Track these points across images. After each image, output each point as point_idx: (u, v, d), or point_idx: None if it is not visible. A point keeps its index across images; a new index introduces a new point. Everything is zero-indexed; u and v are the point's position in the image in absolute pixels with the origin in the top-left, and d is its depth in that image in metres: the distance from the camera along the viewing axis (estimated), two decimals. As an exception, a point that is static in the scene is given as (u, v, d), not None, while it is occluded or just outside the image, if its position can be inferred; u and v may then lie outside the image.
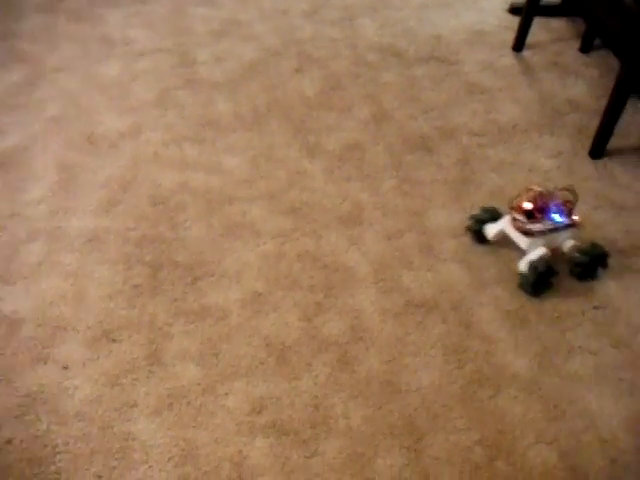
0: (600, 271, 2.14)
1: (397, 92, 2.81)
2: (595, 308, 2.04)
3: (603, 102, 2.52)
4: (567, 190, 2.12)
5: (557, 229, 2.10)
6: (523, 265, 2.07)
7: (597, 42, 3.16)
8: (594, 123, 2.62)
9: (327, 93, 2.78)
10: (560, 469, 1.66)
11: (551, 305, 2.03)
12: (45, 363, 1.79)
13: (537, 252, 2.07)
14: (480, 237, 2.21)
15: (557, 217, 2.09)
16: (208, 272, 2.06)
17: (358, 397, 1.78)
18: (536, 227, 2.07)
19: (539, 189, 2.09)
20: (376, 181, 2.39)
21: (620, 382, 1.86)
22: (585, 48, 3.13)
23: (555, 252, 2.12)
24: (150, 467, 1.60)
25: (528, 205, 2.07)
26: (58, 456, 1.60)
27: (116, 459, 1.61)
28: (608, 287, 2.10)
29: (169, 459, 1.62)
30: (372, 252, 2.15)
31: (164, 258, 2.08)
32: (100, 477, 1.57)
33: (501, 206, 2.20)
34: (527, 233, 2.08)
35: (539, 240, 2.09)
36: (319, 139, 2.55)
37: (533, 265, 2.04)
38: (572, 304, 2.05)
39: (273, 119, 2.63)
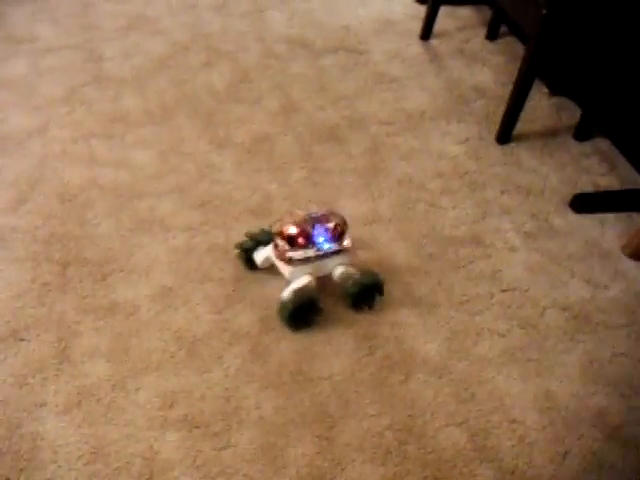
0: (377, 298, 2.01)
1: (306, 83, 2.82)
2: (503, 291, 2.09)
3: (509, 88, 2.57)
4: (334, 214, 1.96)
5: (324, 255, 1.94)
6: (285, 294, 1.93)
7: (503, 29, 3.22)
8: (500, 109, 2.68)
9: (236, 86, 2.77)
10: (470, 450, 1.70)
11: (460, 289, 2.07)
12: (-51, 366, 1.75)
13: (300, 281, 1.93)
14: (252, 263, 2.06)
15: (323, 243, 1.92)
16: (117, 268, 2.03)
17: (269, 387, 1.78)
18: (297, 254, 1.90)
19: (303, 213, 1.93)
20: (286, 172, 2.39)
21: (528, 362, 1.90)
22: (491, 35, 3.19)
23: (326, 280, 1.99)
24: (59, 466, 1.58)
25: (293, 230, 1.88)
26: (-37, 460, 1.57)
27: (25, 460, 1.58)
28: (516, 270, 2.14)
29: (79, 457, 1.60)
30: (283, 243, 2.16)
31: (73, 255, 2.05)
32: (8, 479, 1.54)
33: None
34: (289, 260, 1.92)
35: (304, 268, 1.93)
36: (228, 132, 2.54)
37: (292, 296, 1.91)
38: (481, 287, 2.09)
39: (182, 113, 2.61)
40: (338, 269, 1.97)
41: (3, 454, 1.58)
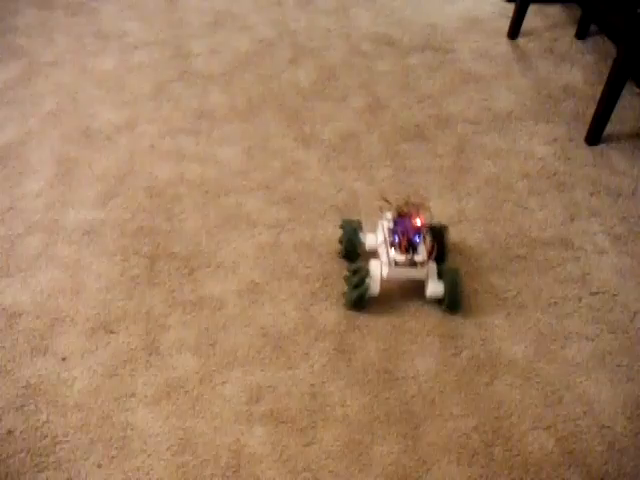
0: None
1: (392, 81, 2.82)
2: (592, 294, 2.06)
3: (599, 88, 2.53)
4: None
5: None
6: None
7: (593, 28, 3.17)
8: (590, 110, 2.64)
9: (322, 83, 2.79)
10: (557, 454, 1.68)
11: (548, 292, 2.05)
12: (44, 354, 1.81)
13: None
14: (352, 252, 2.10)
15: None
16: (204, 263, 2.07)
17: (355, 385, 1.79)
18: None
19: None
20: (371, 170, 2.40)
21: (618, 368, 1.88)
22: (581, 34, 3.14)
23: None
24: (149, 456, 1.62)
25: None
26: (58, 446, 1.62)
27: (115, 448, 1.63)
28: (605, 273, 2.11)
29: (168, 448, 1.64)
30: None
31: (161, 249, 2.10)
32: (100, 466, 1.59)
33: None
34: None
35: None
36: (314, 129, 2.56)
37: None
38: (569, 290, 2.06)
39: (268, 110, 2.65)
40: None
41: (95, 442, 1.64)
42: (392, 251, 1.95)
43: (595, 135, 2.57)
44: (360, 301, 1.96)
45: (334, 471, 1.62)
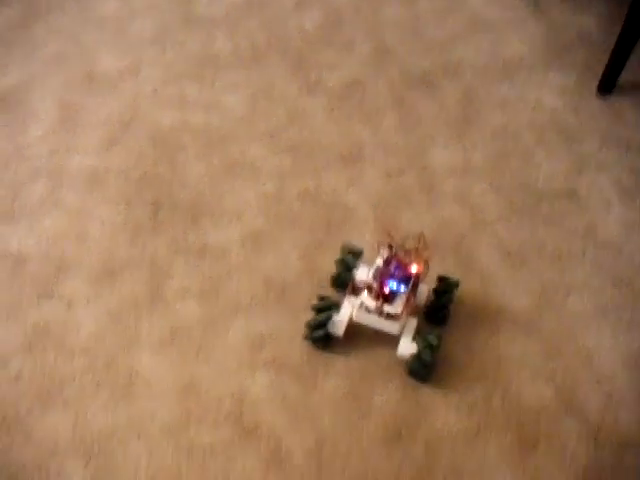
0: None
1: (399, 27, 2.86)
2: (597, 247, 2.13)
3: (614, 38, 2.56)
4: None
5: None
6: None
7: (608, -27, 3.19)
8: (604, 59, 2.66)
9: (327, 29, 2.83)
10: (555, 404, 1.77)
11: (552, 244, 2.13)
12: (50, 299, 1.90)
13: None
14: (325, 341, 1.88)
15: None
16: (208, 211, 2.15)
17: (356, 334, 1.89)
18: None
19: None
20: (377, 119, 2.46)
21: (620, 321, 1.95)
22: (596, -20, 3.15)
23: None
24: (153, 400, 1.72)
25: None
26: (65, 388, 1.72)
27: (121, 392, 1.73)
28: (611, 226, 2.18)
29: (171, 392, 1.74)
30: (372, 190, 2.24)
31: (164, 197, 2.18)
32: (106, 408, 1.69)
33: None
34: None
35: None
36: (319, 76, 2.61)
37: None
38: (574, 243, 2.14)
39: (272, 56, 2.69)
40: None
41: (101, 385, 1.74)
42: (365, 296, 1.81)
43: (607, 85, 2.60)
44: (318, 340, 1.85)
45: (335, 418, 1.72)
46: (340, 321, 1.84)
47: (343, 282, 1.94)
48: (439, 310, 1.91)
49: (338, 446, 1.68)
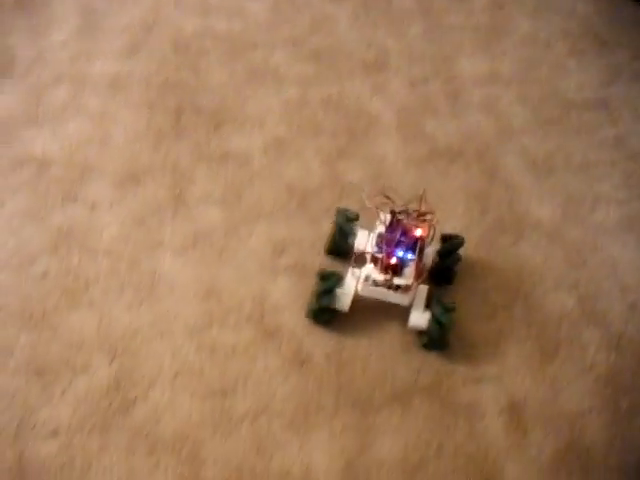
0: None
1: None
2: (626, 159, 2.13)
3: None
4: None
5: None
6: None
7: None
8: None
9: None
10: (577, 313, 1.80)
11: (580, 155, 2.13)
12: (74, 202, 1.94)
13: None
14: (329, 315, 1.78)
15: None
16: (231, 117, 2.16)
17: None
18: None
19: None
20: (403, 26, 2.44)
21: (646, 232, 1.98)
22: None
23: None
24: (176, 301, 1.76)
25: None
26: (90, 288, 1.77)
27: (144, 293, 1.77)
28: (641, 137, 2.19)
29: (194, 294, 1.78)
30: (397, 99, 2.24)
31: (187, 103, 2.19)
32: (130, 308, 1.74)
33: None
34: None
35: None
36: (346, -19, 2.59)
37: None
38: (603, 154, 2.14)
39: (298, -39, 2.67)
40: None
41: (125, 286, 1.78)
42: (371, 267, 1.69)
43: (643, -9, 2.56)
44: (322, 314, 1.75)
45: (354, 325, 1.76)
46: (345, 295, 1.73)
47: (339, 249, 1.86)
48: (445, 271, 1.82)
49: (358, 349, 1.72)
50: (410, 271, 1.67)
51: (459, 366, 1.68)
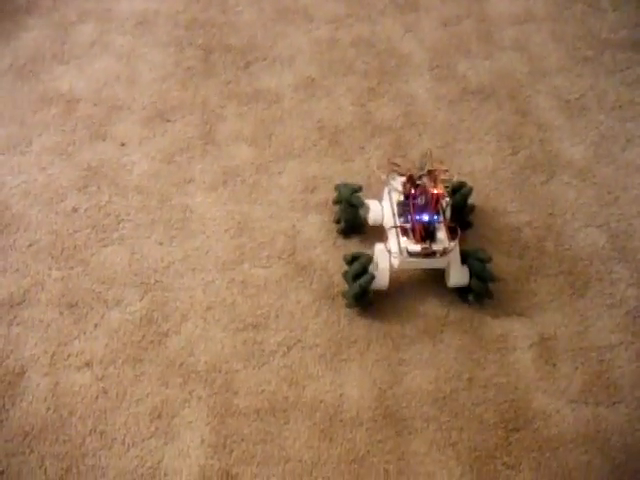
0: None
1: None
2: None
3: None
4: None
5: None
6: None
7: None
8: None
9: None
10: (608, 250, 1.84)
11: (614, 95, 2.15)
12: (103, 140, 1.99)
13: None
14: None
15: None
16: (260, 56, 2.20)
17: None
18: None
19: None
20: (435, -36, 2.47)
21: (680, 171, 2.00)
22: None
23: None
24: (208, 237, 1.82)
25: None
26: (121, 224, 1.82)
27: (175, 229, 1.83)
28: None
29: (225, 231, 1.83)
30: (428, 39, 2.27)
31: (216, 42, 2.23)
32: (161, 244, 1.79)
33: None
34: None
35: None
36: None
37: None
38: (636, 94, 2.15)
39: None
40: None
41: (156, 222, 1.83)
42: (404, 239, 1.66)
43: None
44: (364, 295, 1.70)
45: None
46: (381, 272, 1.70)
47: (353, 225, 1.83)
48: (462, 219, 1.81)
49: (390, 288, 1.76)
50: (443, 233, 1.66)
51: (490, 301, 1.72)
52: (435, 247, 1.64)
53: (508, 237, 1.85)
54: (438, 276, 1.75)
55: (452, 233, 1.66)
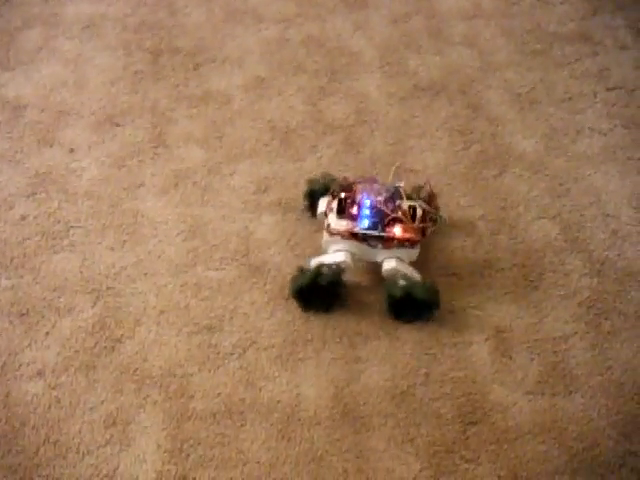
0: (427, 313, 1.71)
1: None
2: (608, 90, 2.17)
3: None
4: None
5: (367, 239, 1.67)
6: (312, 262, 1.71)
7: None
8: None
9: None
10: (561, 241, 1.85)
11: (563, 87, 2.17)
12: (51, 146, 1.96)
13: (334, 257, 1.69)
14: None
15: (363, 219, 1.66)
16: (209, 58, 2.19)
17: (365, 175, 1.95)
18: (339, 225, 1.67)
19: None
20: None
21: (628, 161, 2.01)
22: None
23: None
24: (160, 241, 1.80)
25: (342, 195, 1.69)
26: (71, 231, 1.80)
27: (127, 234, 1.81)
28: (624, 69, 2.21)
29: (178, 234, 1.82)
30: (378, 36, 2.27)
31: (164, 44, 2.21)
32: (113, 249, 1.78)
33: None
34: (328, 228, 1.68)
35: (344, 244, 1.68)
36: None
37: (313, 271, 1.67)
38: (585, 86, 2.18)
39: None
40: (388, 262, 1.69)
41: (107, 227, 1.81)
42: (332, 216, 1.68)
43: None
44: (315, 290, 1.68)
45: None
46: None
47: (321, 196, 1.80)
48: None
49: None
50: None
51: (444, 295, 1.72)
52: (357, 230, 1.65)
53: (462, 231, 1.85)
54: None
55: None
